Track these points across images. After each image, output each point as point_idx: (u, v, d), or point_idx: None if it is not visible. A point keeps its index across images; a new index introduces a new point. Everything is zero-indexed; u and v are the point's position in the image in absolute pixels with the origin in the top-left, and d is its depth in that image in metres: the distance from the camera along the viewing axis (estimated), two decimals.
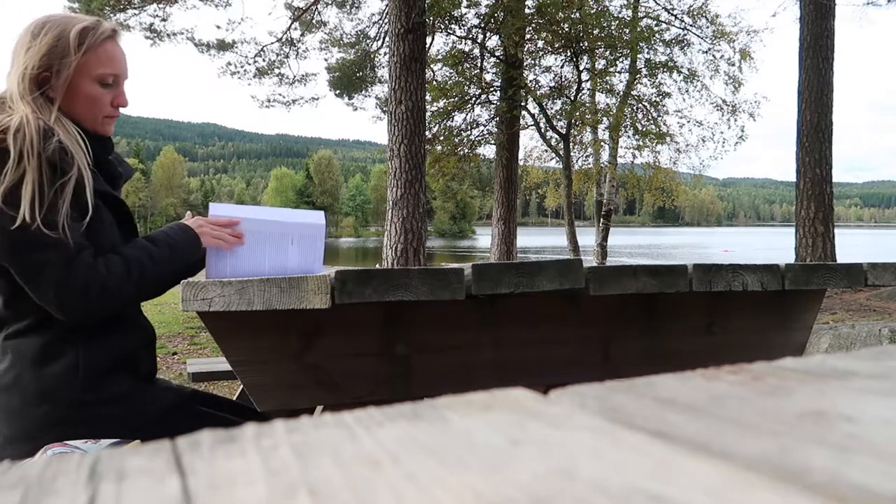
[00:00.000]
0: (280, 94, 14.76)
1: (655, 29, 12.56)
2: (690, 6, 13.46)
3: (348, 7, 14.32)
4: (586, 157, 15.05)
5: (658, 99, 13.57)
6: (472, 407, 0.28)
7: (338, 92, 15.03)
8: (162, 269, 1.31)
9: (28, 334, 1.27)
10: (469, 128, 13.88)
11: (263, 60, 14.00)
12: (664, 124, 13.72)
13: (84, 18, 1.34)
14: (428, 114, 10.67)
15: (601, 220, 13.93)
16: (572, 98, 12.88)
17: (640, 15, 13.26)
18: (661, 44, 12.81)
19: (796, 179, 10.67)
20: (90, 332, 1.29)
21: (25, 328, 1.27)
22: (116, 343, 1.33)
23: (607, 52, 12.61)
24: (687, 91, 13.68)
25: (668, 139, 13.79)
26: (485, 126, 13.90)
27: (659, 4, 13.72)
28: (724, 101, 14.01)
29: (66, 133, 1.24)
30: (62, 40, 1.27)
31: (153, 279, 1.30)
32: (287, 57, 14.24)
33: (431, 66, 12.52)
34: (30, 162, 1.16)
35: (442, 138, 13.71)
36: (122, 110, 1.39)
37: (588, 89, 13.58)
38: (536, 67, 13.51)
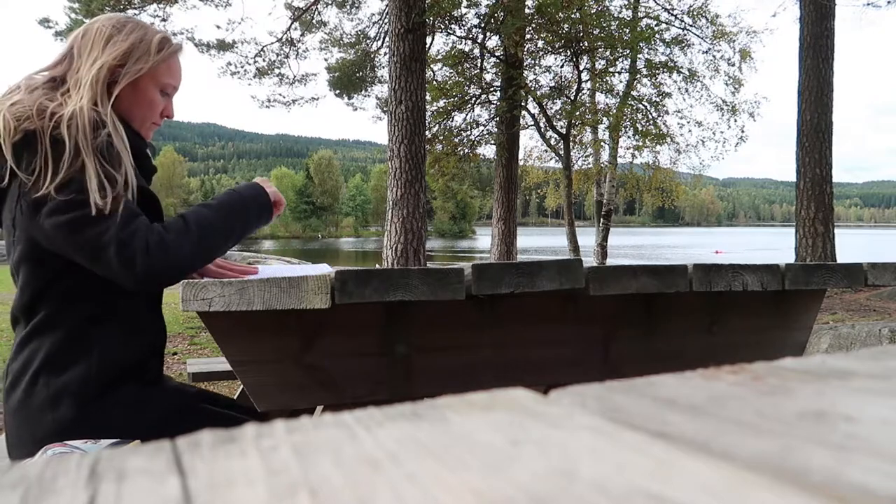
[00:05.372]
0: (280, 94, 14.78)
1: (655, 29, 12.55)
2: (690, 6, 13.47)
3: (348, 7, 14.32)
4: (586, 157, 15.06)
5: (658, 99, 13.57)
6: (473, 407, 0.28)
7: (338, 92, 15.04)
8: (223, 215, 1.30)
9: (43, 337, 1.27)
10: (469, 128, 13.88)
11: (263, 60, 14.01)
12: (664, 124, 13.73)
13: (159, 28, 1.41)
14: (428, 114, 10.67)
15: (601, 220, 13.94)
16: (572, 98, 12.88)
17: (640, 15, 13.26)
18: (661, 44, 12.81)
19: (796, 179, 10.67)
20: (104, 338, 1.28)
21: (40, 329, 1.27)
22: (127, 351, 1.31)
23: (607, 52, 12.62)
24: (687, 91, 13.70)
25: (667, 139, 13.80)
26: (485, 126, 13.90)
27: (659, 4, 13.73)
28: (724, 101, 14.03)
29: (114, 128, 1.26)
30: (144, 42, 1.34)
31: (216, 228, 1.28)
32: (287, 57, 14.25)
33: (431, 66, 12.52)
34: (87, 154, 1.18)
35: (442, 138, 13.71)
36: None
37: (588, 89, 13.59)
38: (536, 67, 13.51)
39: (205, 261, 1.30)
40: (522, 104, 12.59)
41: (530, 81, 12.99)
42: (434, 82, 12.85)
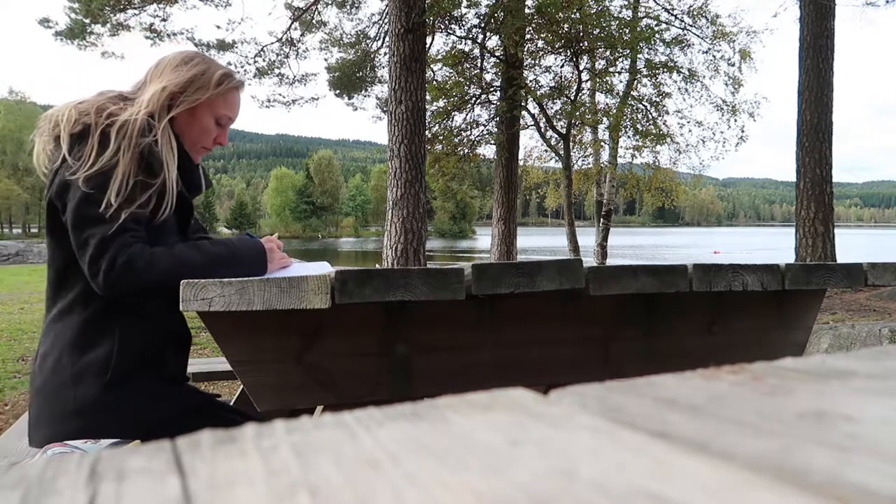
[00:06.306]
0: (280, 94, 14.79)
1: (655, 29, 12.54)
2: (690, 6, 13.47)
3: (348, 7, 14.32)
4: (586, 157, 15.06)
5: (658, 99, 13.57)
6: (473, 407, 0.28)
7: (338, 92, 15.04)
8: (212, 265, 1.34)
9: (69, 317, 1.34)
10: (469, 128, 13.88)
11: (263, 60, 14.01)
12: (664, 124, 13.72)
13: (223, 66, 1.57)
14: (428, 114, 10.66)
15: (601, 220, 13.94)
16: (572, 98, 12.87)
17: (640, 15, 13.25)
18: (661, 44, 12.80)
19: (796, 179, 10.67)
20: (124, 323, 1.34)
21: (67, 310, 1.34)
22: (146, 339, 1.37)
23: (607, 52, 12.61)
24: (687, 91, 13.69)
25: (667, 139, 13.79)
26: (485, 126, 13.90)
27: (659, 4, 13.73)
28: (724, 102, 14.02)
29: (165, 138, 1.38)
30: (206, 75, 1.49)
31: (196, 273, 1.29)
32: (287, 57, 14.25)
33: (431, 66, 12.51)
34: (124, 156, 1.29)
35: (442, 138, 13.70)
36: None
37: (588, 89, 13.58)
38: (536, 67, 13.50)
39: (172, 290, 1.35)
40: (522, 104, 12.58)
41: (530, 81, 12.98)
42: (434, 82, 12.84)
